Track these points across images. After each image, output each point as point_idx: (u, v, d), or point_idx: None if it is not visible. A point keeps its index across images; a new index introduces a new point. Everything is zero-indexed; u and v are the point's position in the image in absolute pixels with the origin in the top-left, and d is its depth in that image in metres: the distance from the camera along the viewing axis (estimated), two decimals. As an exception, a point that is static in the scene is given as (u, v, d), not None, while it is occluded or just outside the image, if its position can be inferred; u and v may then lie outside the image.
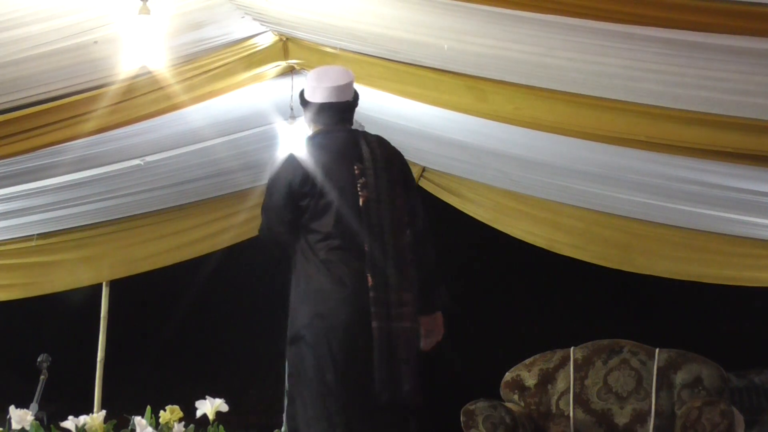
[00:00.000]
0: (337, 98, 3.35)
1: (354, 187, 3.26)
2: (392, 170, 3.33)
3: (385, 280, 3.19)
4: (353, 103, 3.41)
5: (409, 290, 3.20)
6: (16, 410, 3.37)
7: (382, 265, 3.20)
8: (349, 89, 3.37)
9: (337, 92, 3.35)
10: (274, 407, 4.17)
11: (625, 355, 4.99)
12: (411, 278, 3.21)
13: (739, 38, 2.94)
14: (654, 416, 4.75)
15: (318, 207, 3.27)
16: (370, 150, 3.34)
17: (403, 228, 3.26)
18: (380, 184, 3.27)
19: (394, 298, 3.18)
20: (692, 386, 4.73)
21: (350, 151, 3.32)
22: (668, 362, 4.86)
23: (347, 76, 3.40)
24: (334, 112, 3.37)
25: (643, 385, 4.85)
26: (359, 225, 3.23)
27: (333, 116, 3.38)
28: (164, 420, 3.37)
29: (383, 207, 3.25)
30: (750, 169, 4.13)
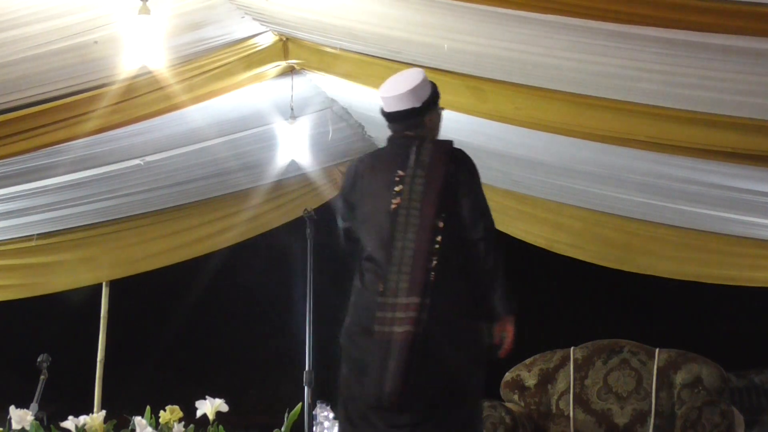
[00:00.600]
0: (389, 108, 3.43)
1: (390, 195, 3.31)
2: (433, 177, 3.30)
3: (394, 285, 3.23)
4: (409, 112, 3.41)
5: (416, 295, 3.19)
6: (16, 410, 3.37)
7: (396, 270, 3.24)
8: (404, 99, 3.39)
9: (388, 102, 3.42)
10: (274, 407, 4.17)
11: (625, 355, 4.99)
12: (423, 284, 3.19)
13: (739, 38, 2.94)
14: (654, 416, 4.76)
15: (360, 215, 3.41)
16: (418, 157, 3.36)
17: (429, 235, 3.23)
18: (414, 191, 3.29)
19: (401, 303, 3.20)
20: (692, 386, 4.73)
21: (398, 159, 3.37)
22: (668, 362, 4.86)
23: (402, 86, 3.41)
24: (392, 121, 3.46)
25: (643, 385, 4.85)
26: (387, 231, 3.29)
27: (393, 125, 3.47)
28: (164, 420, 3.36)
29: (411, 214, 3.27)
30: (750, 169, 4.13)
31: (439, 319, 3.19)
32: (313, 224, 4.50)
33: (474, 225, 3.25)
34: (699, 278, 5.88)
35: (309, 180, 6.93)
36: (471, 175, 3.33)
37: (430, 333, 3.17)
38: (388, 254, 3.27)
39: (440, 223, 3.24)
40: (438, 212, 3.25)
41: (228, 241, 7.25)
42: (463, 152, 3.37)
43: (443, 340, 3.20)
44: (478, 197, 3.29)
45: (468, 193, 3.28)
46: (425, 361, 3.17)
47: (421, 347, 3.16)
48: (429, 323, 3.17)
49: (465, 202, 3.27)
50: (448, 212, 3.26)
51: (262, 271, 9.27)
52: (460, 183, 3.29)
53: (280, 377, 9.21)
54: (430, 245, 3.22)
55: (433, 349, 3.18)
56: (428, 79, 3.46)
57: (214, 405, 3.42)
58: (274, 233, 7.53)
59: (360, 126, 6.29)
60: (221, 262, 8.19)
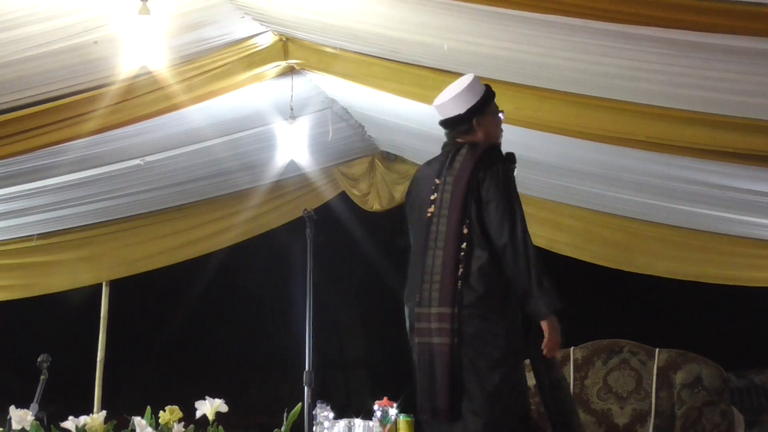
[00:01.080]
0: (440, 116, 3.53)
1: (428, 204, 3.38)
2: (459, 183, 3.33)
3: (428, 295, 3.29)
4: (448, 120, 3.49)
5: (446, 306, 3.22)
6: (16, 410, 3.37)
7: (429, 279, 3.29)
8: (448, 106, 3.47)
9: (438, 111, 3.52)
10: (274, 407, 4.16)
11: (625, 355, 4.99)
12: (452, 294, 3.22)
13: (739, 38, 2.94)
14: (654, 416, 4.76)
15: (410, 224, 3.53)
16: (450, 164, 3.41)
17: (454, 242, 3.26)
18: (444, 199, 3.34)
19: (434, 312, 3.25)
20: (692, 386, 4.73)
21: (438, 167, 3.45)
22: (668, 362, 4.86)
23: (447, 94, 3.48)
24: (443, 128, 3.55)
25: (643, 385, 4.85)
26: (423, 241, 3.35)
27: (445, 133, 3.55)
28: (164, 420, 3.36)
29: (441, 222, 3.32)
30: (750, 169, 4.13)
31: (473, 328, 3.22)
32: (313, 224, 4.50)
33: (499, 230, 3.23)
34: (699, 278, 5.88)
35: (309, 180, 6.94)
36: (497, 178, 3.30)
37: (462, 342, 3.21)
38: (423, 263, 3.31)
39: (465, 230, 3.25)
40: (461, 219, 3.26)
41: (228, 241, 7.26)
42: (494, 155, 3.36)
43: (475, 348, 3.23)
44: (502, 201, 3.26)
45: (492, 198, 3.27)
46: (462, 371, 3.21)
47: (458, 359, 3.21)
48: (460, 332, 3.21)
49: (490, 206, 3.26)
50: (473, 218, 3.26)
51: (262, 271, 9.27)
52: (483, 188, 3.28)
53: (280, 377, 9.22)
54: (457, 253, 3.25)
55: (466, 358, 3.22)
56: (479, 84, 3.49)
57: (213, 405, 3.42)
58: (274, 233, 7.53)
59: (360, 126, 6.29)
60: (221, 262, 8.19)
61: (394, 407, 4.01)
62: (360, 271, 10.07)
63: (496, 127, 3.52)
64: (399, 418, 4.01)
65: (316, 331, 4.38)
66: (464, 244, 3.25)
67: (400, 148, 6.79)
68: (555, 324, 3.22)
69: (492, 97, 3.52)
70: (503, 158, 3.41)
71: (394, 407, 4.02)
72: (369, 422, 4.01)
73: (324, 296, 4.52)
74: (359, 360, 10.62)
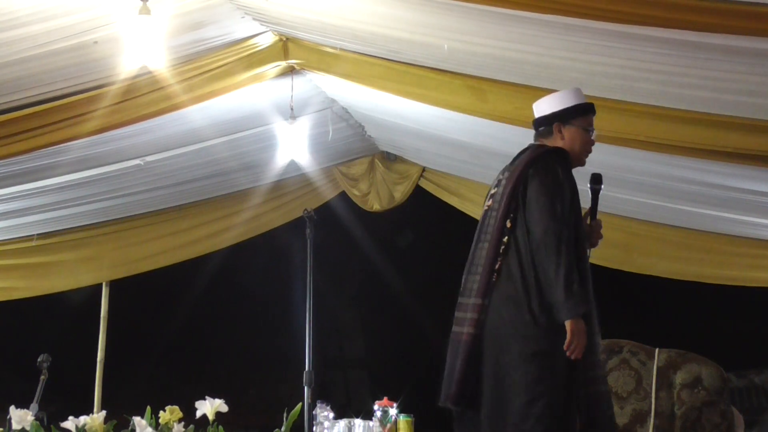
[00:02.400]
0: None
1: (488, 198, 3.48)
2: (511, 179, 3.38)
3: (467, 285, 3.36)
4: (534, 120, 3.56)
5: (480, 296, 3.27)
6: (16, 410, 3.37)
7: (474, 270, 3.35)
8: (538, 106, 3.54)
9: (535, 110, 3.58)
10: (274, 407, 4.17)
11: (624, 355, 4.98)
12: (487, 286, 3.27)
13: (739, 38, 2.94)
14: (654, 416, 4.75)
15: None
16: (513, 162, 3.48)
17: (497, 235, 3.30)
18: (499, 193, 3.40)
19: (471, 303, 3.31)
20: (692, 386, 4.72)
21: (508, 165, 3.50)
22: (668, 362, 4.85)
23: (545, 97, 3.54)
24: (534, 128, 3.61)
25: (643, 385, 4.85)
26: (478, 233, 3.44)
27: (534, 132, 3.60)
28: (164, 420, 3.36)
29: (493, 216, 3.38)
30: (750, 169, 4.13)
31: (491, 319, 3.25)
32: (313, 224, 4.50)
33: (536, 228, 3.25)
34: (699, 278, 5.88)
35: (309, 180, 6.94)
36: (539, 178, 3.31)
37: (485, 334, 3.24)
38: (472, 255, 3.39)
39: (508, 224, 3.30)
40: (507, 213, 3.31)
41: (228, 241, 7.26)
42: (551, 158, 3.38)
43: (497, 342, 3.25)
44: (544, 200, 3.26)
45: (535, 195, 3.29)
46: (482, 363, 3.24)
47: (479, 349, 3.24)
48: (486, 324, 3.25)
49: (531, 204, 3.29)
50: (517, 214, 3.31)
51: (263, 271, 9.27)
52: (527, 185, 3.32)
53: (280, 377, 9.21)
54: (498, 246, 3.30)
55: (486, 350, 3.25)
56: (577, 95, 3.50)
57: (213, 405, 3.42)
58: (274, 233, 7.53)
59: (360, 126, 6.29)
60: (221, 262, 8.19)
61: (394, 407, 4.02)
62: (360, 271, 10.06)
63: (582, 143, 3.50)
64: (399, 418, 4.01)
65: (316, 331, 4.39)
66: (506, 237, 3.29)
67: (400, 148, 6.79)
68: (579, 326, 3.20)
69: (585, 112, 3.50)
70: (561, 162, 3.38)
71: (394, 407, 4.02)
72: (369, 422, 4.01)
73: (324, 296, 4.52)
74: (359, 360, 10.62)
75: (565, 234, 3.23)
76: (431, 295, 8.73)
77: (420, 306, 9.05)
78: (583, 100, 3.51)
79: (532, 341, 3.22)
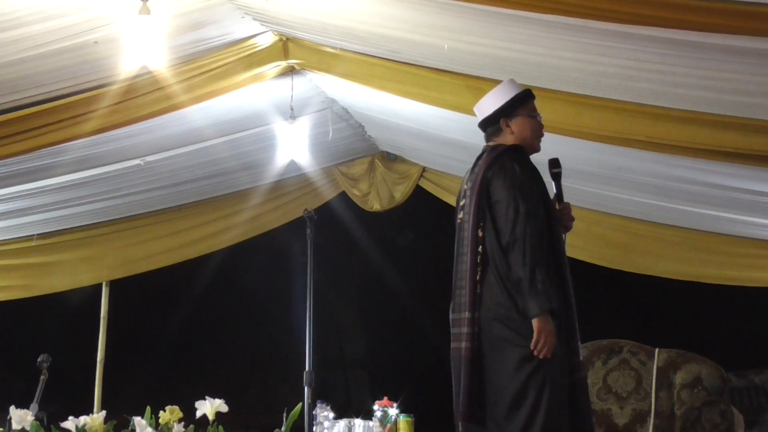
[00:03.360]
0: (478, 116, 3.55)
1: (459, 210, 3.44)
2: (474, 187, 3.33)
3: (456, 300, 3.33)
4: (480, 122, 3.51)
5: (469, 310, 3.24)
6: (16, 410, 3.37)
7: (460, 285, 3.32)
8: (479, 109, 3.51)
9: (477, 110, 3.54)
10: (274, 407, 4.17)
11: (624, 355, 4.99)
12: (473, 298, 3.23)
13: (739, 38, 2.94)
14: (654, 416, 4.75)
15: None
16: (473, 168, 3.44)
17: (472, 246, 3.27)
18: (467, 204, 3.37)
19: (463, 317, 3.28)
20: (692, 386, 4.72)
21: (470, 172, 3.47)
22: (668, 362, 4.86)
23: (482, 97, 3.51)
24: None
25: (643, 385, 4.85)
26: (456, 247, 3.39)
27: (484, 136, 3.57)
28: (164, 420, 3.36)
29: (464, 227, 3.35)
30: (750, 169, 4.13)
31: (484, 331, 3.23)
32: (313, 224, 4.50)
33: (504, 229, 3.23)
34: (699, 278, 5.88)
35: (309, 180, 6.94)
36: (503, 177, 3.28)
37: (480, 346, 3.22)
38: (455, 270, 3.36)
39: (480, 233, 3.27)
40: (477, 223, 3.28)
41: (228, 241, 7.26)
42: (507, 155, 3.33)
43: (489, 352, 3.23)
44: (507, 201, 3.23)
45: (498, 198, 3.26)
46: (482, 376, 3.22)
47: (479, 362, 3.22)
48: (481, 336, 3.22)
49: (497, 207, 3.26)
50: (487, 221, 3.27)
51: (262, 271, 9.27)
52: (492, 188, 3.28)
53: (280, 377, 9.22)
54: (475, 257, 3.26)
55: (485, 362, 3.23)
56: (513, 86, 3.47)
57: (213, 405, 3.42)
58: (274, 233, 7.53)
59: (360, 126, 6.29)
60: (221, 262, 8.19)
61: (394, 407, 4.02)
62: (360, 271, 10.07)
63: (531, 130, 3.46)
64: (399, 418, 4.01)
65: (316, 331, 4.39)
66: (480, 247, 3.26)
67: (400, 148, 6.79)
68: (546, 324, 3.14)
69: (525, 99, 3.47)
70: (518, 158, 3.34)
71: (394, 407, 4.02)
72: (369, 422, 4.02)
73: (324, 296, 4.52)
74: (359, 360, 10.62)
75: (530, 232, 3.19)
76: (431, 295, 8.72)
77: (420, 306, 9.05)
78: (520, 89, 3.49)
79: (521, 344, 3.19)
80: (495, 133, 3.48)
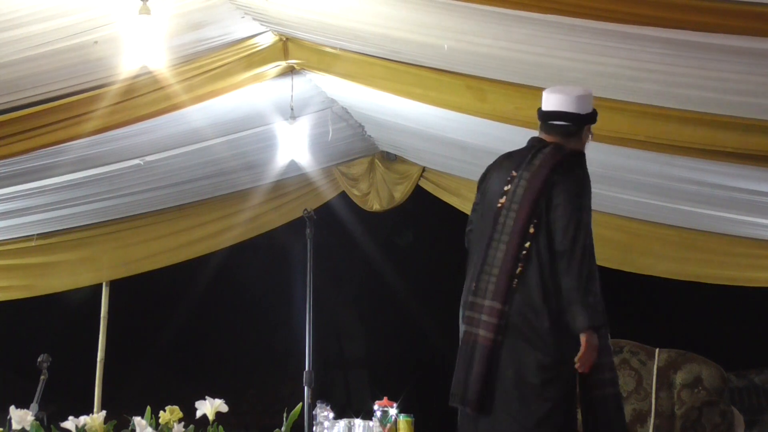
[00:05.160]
0: (546, 105, 3.49)
1: (500, 195, 3.37)
2: (534, 181, 3.29)
3: (480, 285, 3.27)
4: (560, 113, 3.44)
5: (498, 301, 3.20)
6: (16, 410, 3.37)
7: (488, 271, 3.27)
8: (565, 100, 3.44)
9: (548, 99, 3.48)
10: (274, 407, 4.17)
11: (625, 355, 4.99)
12: (506, 290, 3.20)
13: (739, 38, 2.94)
14: (654, 416, 4.76)
15: (480, 210, 3.50)
16: (531, 160, 3.37)
17: (517, 240, 3.23)
18: (517, 193, 3.31)
19: (486, 305, 3.23)
20: (692, 386, 4.73)
21: (518, 160, 3.42)
22: (668, 362, 4.86)
23: (570, 90, 3.47)
24: (541, 118, 3.51)
25: (643, 385, 4.85)
26: (489, 231, 3.33)
27: (541, 123, 3.52)
28: (164, 420, 3.36)
29: (509, 216, 3.29)
30: (750, 169, 4.13)
31: (509, 327, 3.20)
32: (313, 224, 4.50)
33: (562, 235, 3.20)
34: (699, 278, 5.88)
35: (309, 180, 6.94)
36: (572, 185, 3.27)
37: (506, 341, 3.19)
38: (485, 253, 3.29)
39: (531, 229, 3.23)
40: (530, 217, 3.23)
41: (228, 241, 7.26)
42: (576, 162, 3.33)
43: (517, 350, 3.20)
44: (571, 208, 3.22)
45: (562, 202, 3.23)
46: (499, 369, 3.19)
47: (498, 355, 3.19)
48: (507, 331, 3.19)
49: (557, 210, 3.23)
50: (540, 219, 3.23)
51: (262, 272, 9.28)
52: (556, 191, 3.25)
53: (280, 377, 9.22)
54: (518, 251, 3.22)
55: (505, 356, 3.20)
56: (592, 103, 3.49)
57: (213, 405, 3.42)
58: (274, 233, 7.54)
59: (360, 126, 6.29)
60: (221, 262, 8.20)
61: (394, 407, 4.01)
62: (360, 271, 10.07)
63: (586, 145, 3.53)
64: (399, 418, 4.01)
65: (316, 331, 4.39)
66: (528, 243, 3.22)
67: (400, 148, 6.80)
68: (593, 339, 3.15)
69: (596, 119, 3.52)
70: (584, 167, 3.36)
71: (394, 407, 4.02)
72: (369, 422, 4.01)
73: (324, 296, 4.52)
74: (359, 360, 10.63)
75: (587, 244, 3.21)
76: (431, 295, 8.74)
77: (420, 306, 9.06)
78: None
79: (548, 351, 3.19)
80: (570, 134, 3.42)
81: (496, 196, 3.39)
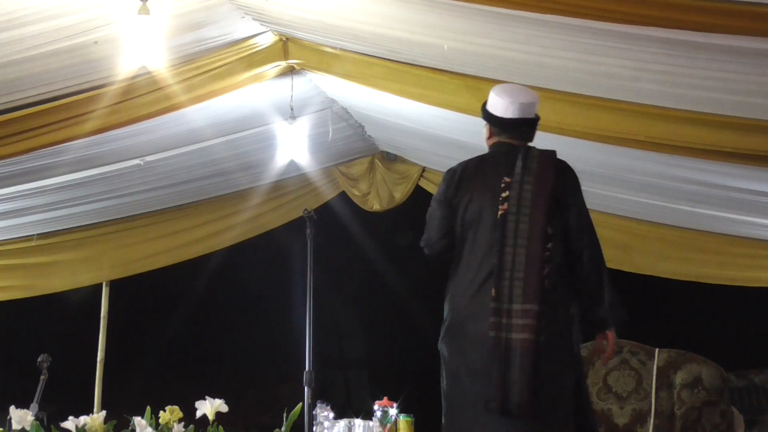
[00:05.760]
0: (516, 113, 3.44)
1: (496, 201, 3.36)
2: (542, 185, 3.33)
3: (509, 291, 3.27)
4: (530, 121, 3.46)
5: (533, 303, 3.22)
6: (16, 410, 3.36)
7: (508, 276, 3.27)
8: (532, 108, 3.45)
9: (520, 108, 3.44)
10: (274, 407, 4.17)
11: (624, 355, 4.99)
12: (539, 291, 3.23)
13: (739, 38, 2.94)
14: (654, 416, 4.75)
15: (463, 220, 3.45)
16: (525, 164, 3.39)
17: (540, 242, 3.27)
18: (524, 198, 3.33)
19: (516, 309, 3.24)
20: (692, 386, 4.73)
21: (503, 166, 3.41)
22: (668, 362, 4.86)
23: (530, 96, 3.47)
24: (509, 127, 3.47)
25: (643, 385, 4.85)
26: (494, 236, 3.33)
27: (507, 132, 3.48)
28: (164, 420, 3.36)
29: (521, 220, 3.31)
30: (750, 169, 4.13)
31: (552, 327, 3.23)
32: (313, 224, 4.50)
33: (580, 235, 3.31)
34: (699, 278, 5.88)
35: (309, 180, 6.94)
36: (576, 185, 3.37)
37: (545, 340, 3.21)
38: (498, 260, 3.30)
39: (550, 230, 3.28)
40: (548, 219, 3.29)
41: (228, 241, 7.26)
42: (566, 163, 3.41)
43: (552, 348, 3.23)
44: (584, 211, 3.35)
45: (574, 203, 3.34)
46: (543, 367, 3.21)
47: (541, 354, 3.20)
48: (546, 330, 3.21)
49: (572, 211, 3.32)
50: (555, 221, 3.29)
51: (262, 271, 9.27)
52: (566, 193, 3.34)
53: (280, 377, 9.21)
54: (543, 252, 3.26)
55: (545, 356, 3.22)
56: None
57: (213, 405, 3.42)
58: (274, 233, 7.53)
59: (360, 126, 6.29)
60: (221, 262, 8.19)
61: (394, 407, 4.01)
62: (360, 271, 10.06)
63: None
64: (399, 418, 4.01)
65: (316, 331, 4.38)
66: (550, 244, 3.27)
67: (400, 148, 6.80)
68: (615, 335, 3.36)
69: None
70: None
71: (394, 407, 4.02)
72: (369, 422, 4.01)
73: (324, 296, 4.51)
74: (359, 360, 10.62)
75: (598, 244, 3.36)
76: (431, 295, 8.72)
77: (420, 306, 9.05)
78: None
79: (569, 349, 3.30)
80: (527, 137, 3.47)
81: (491, 205, 3.39)
